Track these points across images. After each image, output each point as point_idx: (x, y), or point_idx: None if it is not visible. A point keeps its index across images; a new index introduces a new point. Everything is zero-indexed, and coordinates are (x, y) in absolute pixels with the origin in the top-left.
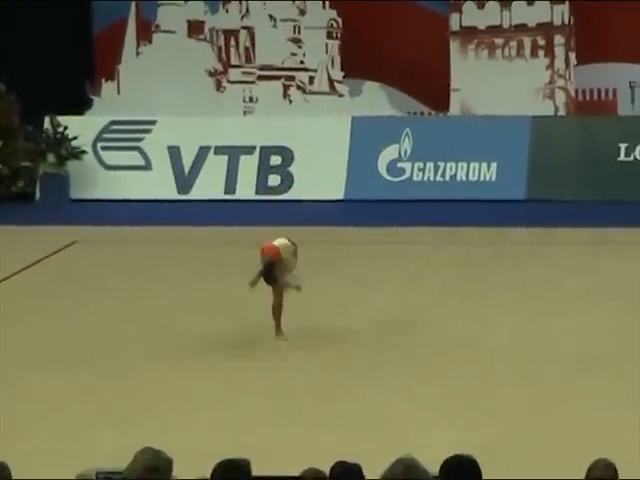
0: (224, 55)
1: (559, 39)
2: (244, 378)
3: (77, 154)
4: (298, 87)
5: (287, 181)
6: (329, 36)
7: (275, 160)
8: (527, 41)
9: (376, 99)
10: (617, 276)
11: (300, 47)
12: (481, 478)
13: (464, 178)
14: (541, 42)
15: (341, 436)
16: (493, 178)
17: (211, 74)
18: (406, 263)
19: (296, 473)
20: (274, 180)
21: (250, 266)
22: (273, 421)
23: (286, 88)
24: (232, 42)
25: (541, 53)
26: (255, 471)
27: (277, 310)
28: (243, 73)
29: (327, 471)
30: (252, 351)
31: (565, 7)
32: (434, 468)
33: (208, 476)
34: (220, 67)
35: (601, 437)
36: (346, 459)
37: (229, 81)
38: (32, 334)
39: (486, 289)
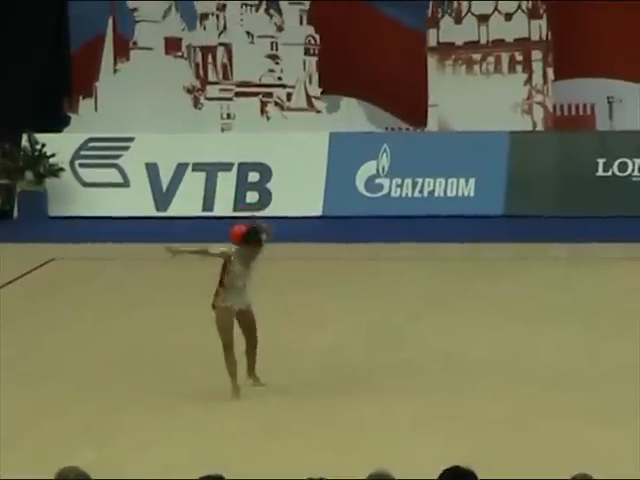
0: (202, 72)
1: (537, 54)
2: (223, 395)
3: (55, 171)
4: (276, 103)
5: (265, 198)
6: (306, 52)
7: (253, 177)
8: (505, 56)
9: (354, 115)
10: (596, 292)
11: (277, 63)
12: None
13: (442, 194)
14: (519, 57)
15: (320, 453)
16: (471, 194)
17: (189, 91)
18: (385, 279)
19: None
20: (252, 197)
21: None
22: (253, 437)
23: (264, 104)
24: (209, 59)
25: (519, 68)
26: None
27: (252, 349)
28: (221, 90)
29: None
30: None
31: (543, 22)
32: None
33: None
34: (198, 84)
35: (579, 452)
36: (325, 476)
37: (207, 98)
38: (10, 350)
39: (465, 304)
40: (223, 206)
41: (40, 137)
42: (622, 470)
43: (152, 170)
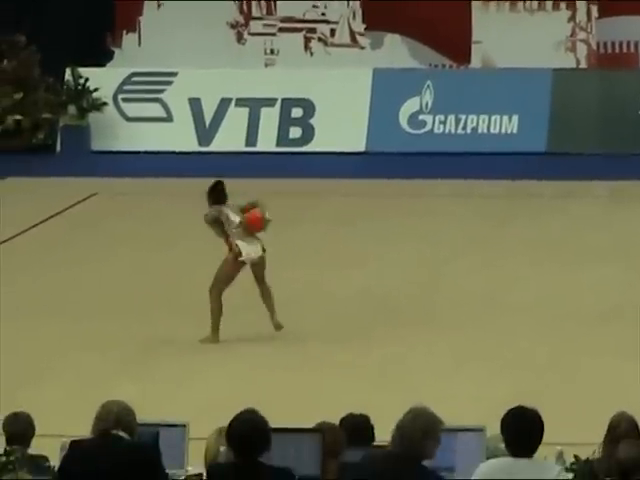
0: (245, 7)
1: None
2: (262, 329)
3: (98, 106)
4: (319, 39)
5: (308, 133)
6: None
7: (296, 112)
8: None
9: (397, 51)
10: (637, 230)
11: None
12: (543, 429)
13: (485, 131)
14: None
15: (358, 389)
16: (514, 131)
17: (232, 26)
18: (427, 216)
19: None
20: (295, 132)
21: (274, 217)
22: (291, 372)
23: (307, 40)
24: None
25: (563, 6)
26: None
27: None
28: (264, 25)
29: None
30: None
31: None
32: (454, 419)
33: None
34: (241, 19)
35: (620, 389)
36: (365, 411)
37: (250, 33)
38: (52, 283)
39: (505, 242)
40: (266, 141)
41: (83, 71)
42: None
43: (195, 105)
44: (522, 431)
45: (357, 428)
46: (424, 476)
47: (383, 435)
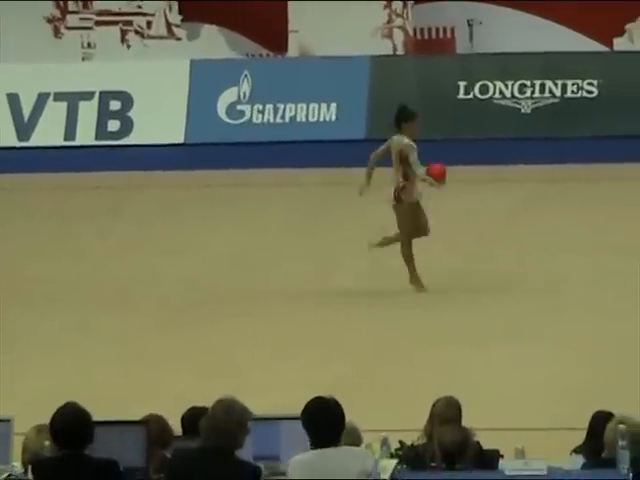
0: (61, 1)
1: None
2: (90, 323)
3: None
4: (136, 32)
5: (127, 126)
6: None
7: (114, 105)
8: None
9: (214, 42)
10: (459, 215)
11: None
12: (344, 417)
13: (304, 119)
14: None
15: (181, 378)
16: (333, 118)
17: (49, 20)
18: (248, 205)
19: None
20: (114, 125)
21: (93, 211)
22: (117, 364)
23: (124, 33)
24: None
25: None
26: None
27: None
28: (81, 19)
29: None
30: (98, 294)
31: None
32: (278, 408)
33: None
34: (58, 13)
35: (447, 375)
36: (187, 400)
37: (67, 27)
38: None
39: (327, 230)
40: (85, 135)
41: None
42: None
43: (13, 100)
44: (324, 421)
45: (196, 420)
46: (240, 467)
47: None
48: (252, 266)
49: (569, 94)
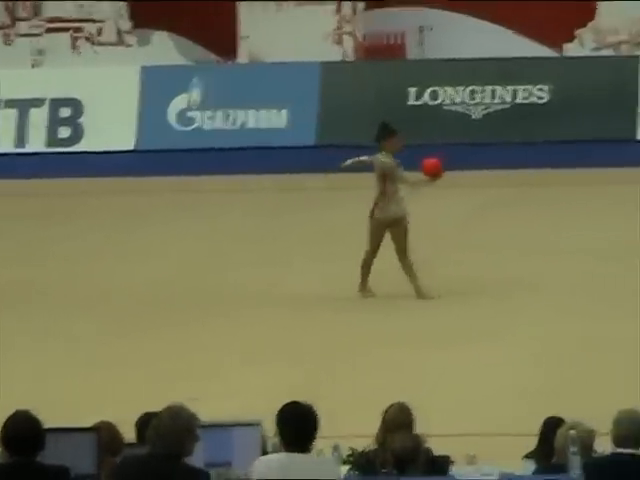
0: (11, 8)
1: None
2: (49, 327)
3: None
4: (86, 39)
5: (78, 133)
6: None
7: (65, 112)
8: None
9: (165, 48)
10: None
11: None
12: (317, 423)
13: (254, 125)
14: None
15: (149, 382)
16: (283, 125)
17: None
18: (202, 211)
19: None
20: (64, 132)
21: (45, 218)
22: (76, 368)
23: (74, 40)
24: None
25: None
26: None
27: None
28: (31, 26)
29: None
30: (59, 298)
31: None
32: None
33: None
34: (8, 20)
35: (400, 381)
36: (150, 405)
37: (17, 34)
38: None
39: (280, 235)
40: (36, 142)
41: None
42: None
43: None
44: (297, 426)
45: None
46: (188, 473)
47: None
48: (208, 271)
49: (520, 99)
